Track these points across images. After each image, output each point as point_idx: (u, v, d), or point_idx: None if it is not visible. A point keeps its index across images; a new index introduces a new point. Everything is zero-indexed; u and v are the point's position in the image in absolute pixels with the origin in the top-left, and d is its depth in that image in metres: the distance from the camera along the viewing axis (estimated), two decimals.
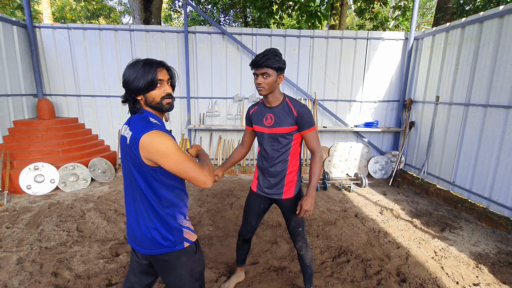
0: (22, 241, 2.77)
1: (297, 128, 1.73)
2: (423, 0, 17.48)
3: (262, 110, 1.82)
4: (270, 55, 1.62)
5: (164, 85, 1.22)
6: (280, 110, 1.74)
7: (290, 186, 1.82)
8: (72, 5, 15.46)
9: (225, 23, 15.51)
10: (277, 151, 1.77)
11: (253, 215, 1.98)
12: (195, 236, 1.33)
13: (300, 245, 1.93)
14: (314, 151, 1.75)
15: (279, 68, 1.65)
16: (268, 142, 1.79)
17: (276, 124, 1.73)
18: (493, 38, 3.51)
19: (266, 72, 1.63)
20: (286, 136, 1.74)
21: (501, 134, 3.41)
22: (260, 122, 1.81)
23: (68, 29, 4.93)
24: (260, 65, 1.62)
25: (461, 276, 2.40)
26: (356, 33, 5.22)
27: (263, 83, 1.65)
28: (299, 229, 1.88)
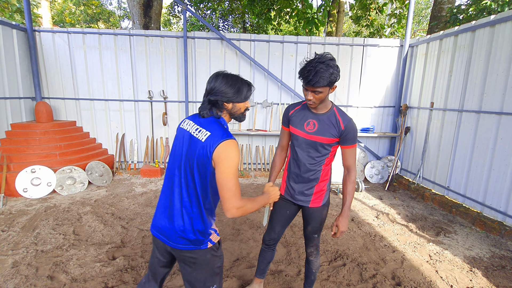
0: (17, 245, 2.76)
1: (338, 141, 1.66)
2: (419, 8, 17.82)
3: (304, 113, 1.72)
4: (323, 70, 1.45)
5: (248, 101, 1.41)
6: (326, 118, 1.64)
7: (319, 195, 1.77)
8: (72, 9, 15.54)
9: (224, 29, 15.67)
10: (312, 159, 1.70)
11: (278, 220, 1.90)
12: (218, 238, 1.41)
13: (312, 250, 1.91)
14: (350, 169, 1.68)
15: (332, 82, 1.50)
16: (305, 148, 1.70)
17: (318, 132, 1.65)
18: (485, 46, 3.60)
19: (318, 90, 1.52)
20: (326, 147, 1.66)
21: (493, 140, 3.48)
22: (300, 125, 1.71)
23: (68, 33, 4.96)
24: (312, 85, 1.50)
25: (455, 280, 2.43)
26: (352, 40, 5.32)
27: (314, 98, 1.56)
28: (315, 235, 1.86)
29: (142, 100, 5.27)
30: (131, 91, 5.24)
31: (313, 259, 1.93)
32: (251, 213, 3.66)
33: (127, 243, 2.88)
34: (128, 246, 2.81)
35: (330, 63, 1.48)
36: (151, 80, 5.23)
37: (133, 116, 5.35)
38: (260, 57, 5.26)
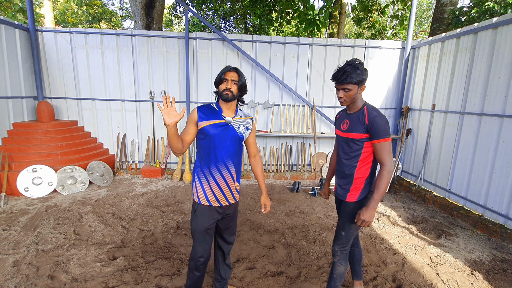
0: (18, 244, 2.77)
1: (369, 137, 1.74)
2: (421, 10, 17.81)
3: (343, 115, 1.94)
4: (351, 70, 1.67)
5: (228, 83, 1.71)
6: (355, 116, 1.80)
7: (355, 191, 1.84)
8: (74, 9, 15.60)
9: (225, 30, 15.69)
10: (347, 155, 1.85)
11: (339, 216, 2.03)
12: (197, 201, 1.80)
13: (336, 249, 1.91)
14: (382, 163, 1.70)
15: (360, 81, 1.69)
16: (341, 144, 1.90)
17: (349, 129, 1.81)
18: (487, 48, 3.59)
19: (347, 88, 1.71)
20: (357, 142, 1.78)
21: (495, 143, 3.47)
22: (338, 126, 1.94)
23: (70, 33, 4.98)
24: (341, 82, 1.71)
25: (456, 283, 2.42)
26: (354, 41, 5.31)
27: (344, 96, 1.75)
28: (342, 232, 1.88)
29: (143, 100, 5.28)
30: (132, 91, 5.26)
31: (336, 261, 1.90)
32: (251, 215, 3.65)
33: (128, 243, 2.88)
34: (128, 246, 2.81)
35: (357, 65, 1.69)
36: (153, 80, 5.23)
37: (134, 116, 5.35)
38: (262, 58, 5.26)
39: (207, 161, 1.75)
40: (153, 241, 2.93)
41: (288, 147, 5.57)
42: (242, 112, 1.90)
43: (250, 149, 1.97)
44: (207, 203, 1.77)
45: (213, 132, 1.71)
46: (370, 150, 1.78)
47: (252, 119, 1.93)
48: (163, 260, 2.59)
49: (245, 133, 1.83)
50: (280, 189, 4.73)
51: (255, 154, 1.99)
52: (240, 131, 1.80)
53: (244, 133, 1.82)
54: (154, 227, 3.22)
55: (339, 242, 1.90)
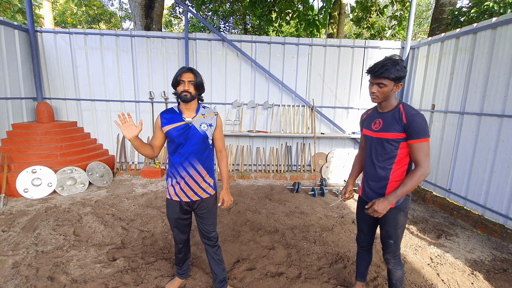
0: (18, 245, 2.76)
1: (406, 137, 1.63)
2: (420, 10, 17.84)
3: (373, 115, 1.83)
4: (390, 65, 1.57)
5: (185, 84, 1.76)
6: (390, 115, 1.69)
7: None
8: (73, 10, 15.59)
9: (225, 30, 15.70)
10: (380, 156, 1.73)
11: (362, 220, 1.97)
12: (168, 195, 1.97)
13: (388, 258, 1.84)
14: (418, 164, 1.59)
15: (398, 78, 1.59)
16: (373, 146, 1.77)
17: (383, 129, 1.70)
18: (487, 48, 3.60)
19: (382, 83, 1.61)
20: (391, 143, 1.67)
21: (495, 143, 3.47)
22: (369, 126, 1.82)
23: (69, 33, 4.98)
24: (377, 75, 1.60)
25: (456, 283, 2.42)
26: (353, 41, 5.32)
27: (378, 92, 1.64)
28: (390, 241, 1.78)
29: (143, 101, 5.27)
30: (132, 92, 5.25)
31: (391, 268, 1.85)
32: (251, 216, 3.65)
33: (128, 244, 2.87)
34: (128, 247, 2.80)
35: (398, 61, 1.59)
36: (152, 81, 5.23)
37: (134, 116, 5.35)
38: (261, 58, 5.26)
39: (174, 160, 1.89)
40: (153, 242, 2.92)
41: (288, 147, 5.57)
42: (206, 109, 1.93)
43: (216, 145, 2.00)
44: (175, 197, 1.93)
45: (176, 134, 1.81)
46: (406, 151, 1.67)
47: (216, 115, 1.94)
48: (163, 261, 2.58)
49: (208, 130, 1.87)
50: (280, 190, 4.72)
51: (220, 149, 2.01)
52: (202, 129, 1.85)
53: (207, 130, 1.86)
54: (154, 228, 3.21)
55: (389, 250, 1.81)
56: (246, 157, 5.53)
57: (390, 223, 1.76)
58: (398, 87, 1.64)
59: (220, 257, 2.10)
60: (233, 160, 5.48)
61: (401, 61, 1.60)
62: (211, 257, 2.08)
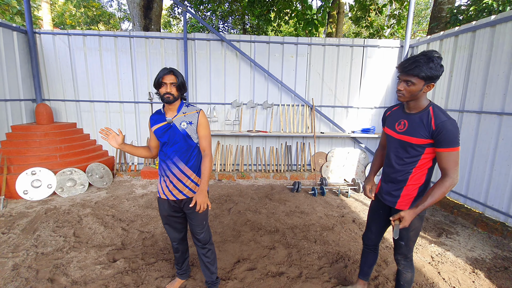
0: (18, 247, 2.75)
1: (433, 143, 1.51)
2: (418, 9, 17.85)
3: (398, 113, 1.70)
4: (423, 61, 1.42)
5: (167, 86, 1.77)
6: (418, 118, 1.56)
7: (407, 198, 1.67)
8: (72, 11, 15.58)
9: (223, 30, 15.70)
10: (400, 159, 1.64)
11: (372, 219, 1.94)
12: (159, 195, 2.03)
13: (398, 259, 1.79)
14: (446, 174, 1.48)
15: (429, 77, 1.43)
16: (394, 147, 1.68)
17: (407, 132, 1.59)
18: (486, 46, 3.60)
19: (410, 80, 1.47)
20: (416, 148, 1.56)
21: (495, 141, 3.47)
22: (392, 125, 1.71)
23: (68, 35, 4.97)
24: (406, 72, 1.46)
25: (457, 281, 2.42)
26: (352, 40, 5.32)
27: (405, 89, 1.51)
28: (401, 242, 1.72)
29: (142, 102, 5.27)
30: (131, 92, 5.25)
31: (401, 269, 1.80)
32: (252, 215, 3.65)
33: (128, 245, 2.86)
34: (128, 248, 2.80)
35: (434, 58, 1.42)
36: (151, 81, 5.22)
37: (133, 117, 5.34)
38: (260, 58, 5.26)
39: (160, 159, 1.96)
40: (153, 242, 2.92)
41: (288, 147, 5.56)
42: (189, 107, 1.91)
43: (199, 143, 1.95)
44: (163, 195, 1.99)
45: (160, 133, 1.88)
46: (430, 156, 1.57)
47: (198, 112, 1.89)
48: (163, 261, 2.58)
49: (188, 129, 1.86)
50: (280, 189, 4.72)
51: (204, 148, 1.93)
52: (182, 127, 1.85)
53: (186, 128, 1.85)
54: (154, 229, 3.21)
55: (399, 251, 1.77)
56: (246, 157, 5.52)
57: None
58: (430, 88, 1.49)
59: (210, 260, 2.07)
60: (233, 160, 5.47)
61: (438, 58, 1.43)
62: (200, 259, 2.07)
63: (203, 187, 1.87)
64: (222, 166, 5.44)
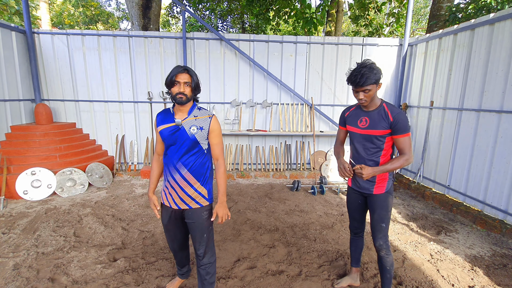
0: (18, 247, 2.76)
1: (391, 132, 1.84)
2: (417, 7, 17.83)
3: (357, 112, 1.98)
4: (368, 72, 1.73)
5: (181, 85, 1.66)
6: (376, 114, 1.87)
7: (382, 183, 1.94)
8: (70, 11, 15.54)
9: (222, 29, 15.67)
10: (368, 150, 1.91)
11: (354, 210, 2.14)
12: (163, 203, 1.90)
13: (380, 243, 1.94)
14: (403, 152, 1.82)
15: (377, 80, 1.77)
16: (361, 142, 1.94)
17: (370, 127, 1.88)
18: (484, 44, 3.60)
19: (367, 89, 1.78)
20: (379, 138, 1.87)
21: (493, 138, 3.48)
22: (354, 123, 1.97)
23: (67, 35, 4.96)
24: (361, 85, 1.76)
25: (456, 279, 2.43)
26: (351, 39, 5.32)
27: (365, 97, 1.81)
28: (382, 224, 1.93)
29: (141, 101, 5.26)
30: (130, 92, 5.24)
31: (383, 255, 1.95)
32: (251, 214, 3.65)
33: (128, 244, 2.87)
34: (129, 248, 2.80)
35: (372, 66, 1.77)
36: (151, 81, 5.22)
37: (132, 117, 5.34)
38: (260, 57, 5.25)
39: (164, 161, 1.85)
40: (154, 242, 2.92)
41: (287, 146, 5.57)
42: (201, 111, 1.78)
43: (212, 151, 1.82)
44: (166, 202, 1.86)
45: (165, 135, 1.74)
46: (389, 144, 1.89)
47: (211, 117, 1.76)
48: (163, 260, 2.59)
49: (197, 134, 1.71)
50: (280, 188, 4.73)
51: (217, 157, 1.82)
52: (191, 132, 1.70)
53: (196, 134, 1.71)
54: (154, 228, 3.22)
55: (381, 235, 1.94)
56: (245, 156, 5.53)
57: (382, 207, 1.94)
58: (379, 86, 1.83)
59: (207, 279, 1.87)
60: (232, 159, 5.48)
61: (375, 65, 1.78)
62: (198, 272, 1.89)
63: (222, 198, 1.81)
64: None
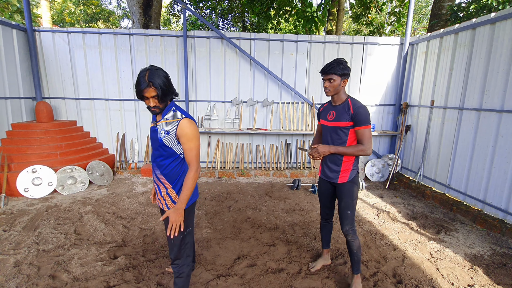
0: (19, 244, 2.77)
1: (353, 124, 2.00)
2: (419, 6, 17.78)
3: (328, 107, 2.20)
4: (335, 64, 1.96)
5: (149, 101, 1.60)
6: (341, 108, 2.06)
7: (345, 173, 2.11)
8: (71, 9, 15.53)
9: (223, 28, 15.64)
10: (335, 141, 2.10)
11: (324, 197, 2.33)
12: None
13: (347, 229, 2.11)
14: (362, 143, 2.01)
15: (343, 74, 1.97)
16: (328, 133, 2.14)
17: (336, 119, 2.07)
18: (486, 44, 3.59)
19: (332, 78, 1.98)
20: (343, 130, 2.05)
21: (494, 138, 3.48)
22: (325, 117, 2.19)
23: (67, 33, 4.96)
24: (326, 72, 1.99)
25: (456, 278, 2.43)
26: (352, 38, 5.31)
27: (329, 86, 2.02)
28: (348, 211, 2.09)
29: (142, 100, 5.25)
30: (131, 90, 5.24)
31: (350, 239, 2.12)
32: (252, 213, 3.66)
33: (128, 242, 2.88)
34: (129, 245, 2.81)
35: (341, 61, 1.99)
36: None
37: (133, 115, 5.35)
38: (260, 56, 5.25)
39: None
40: (154, 239, 2.93)
41: (288, 144, 5.57)
42: (174, 113, 1.68)
43: (185, 157, 1.70)
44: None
45: (150, 133, 1.83)
46: (354, 136, 2.06)
47: (178, 121, 1.64)
48: (164, 258, 2.60)
49: (165, 138, 1.65)
50: (280, 187, 4.73)
51: (188, 162, 1.68)
52: (160, 135, 1.67)
53: (164, 138, 1.65)
54: (154, 226, 3.22)
55: (347, 221, 2.10)
56: (246, 154, 5.53)
57: (347, 195, 2.10)
58: (345, 82, 2.02)
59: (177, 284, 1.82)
60: (233, 158, 5.48)
61: (345, 62, 2.00)
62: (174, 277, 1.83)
63: (179, 204, 1.66)
64: (222, 163, 5.45)
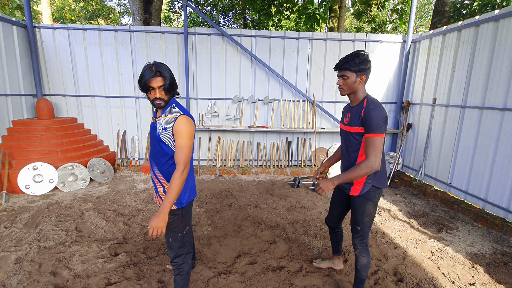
0: (20, 241, 2.78)
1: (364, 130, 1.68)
2: (421, 4, 17.65)
3: (347, 108, 1.92)
4: (350, 57, 1.67)
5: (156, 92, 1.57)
6: (356, 110, 1.76)
7: (358, 185, 1.82)
8: (72, 6, 15.47)
9: (224, 25, 15.57)
10: (348, 148, 1.84)
11: (334, 205, 2.16)
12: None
13: (355, 243, 1.93)
14: (366, 156, 1.65)
15: (359, 70, 1.66)
16: (343, 138, 1.90)
17: (349, 123, 1.79)
18: (489, 41, 3.56)
19: (345, 75, 1.70)
20: (355, 136, 1.75)
21: (496, 136, 3.46)
22: (342, 119, 1.93)
23: (68, 29, 4.94)
24: (339, 68, 1.72)
25: (457, 276, 2.43)
26: (354, 35, 5.27)
27: (342, 84, 1.74)
28: (357, 227, 1.89)
29: (143, 97, 5.25)
30: (132, 87, 5.23)
31: (357, 253, 1.94)
32: (252, 210, 3.66)
33: (129, 239, 2.89)
34: (130, 243, 2.82)
35: (359, 54, 1.67)
36: None
37: (134, 112, 5.34)
38: (261, 53, 5.22)
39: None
40: None
41: (289, 142, 5.56)
42: (174, 110, 1.66)
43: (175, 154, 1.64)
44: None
45: (149, 129, 1.75)
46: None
47: (176, 118, 1.60)
48: (165, 255, 2.60)
49: (162, 134, 1.63)
50: (281, 185, 4.73)
51: (177, 161, 1.59)
52: (158, 132, 1.65)
53: (161, 134, 1.63)
54: None
55: (357, 235, 1.92)
56: (246, 152, 5.53)
57: (357, 210, 1.87)
58: (362, 79, 1.70)
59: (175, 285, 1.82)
60: (233, 156, 5.47)
61: (363, 55, 1.67)
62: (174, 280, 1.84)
63: (162, 208, 1.55)
64: (223, 161, 5.45)
